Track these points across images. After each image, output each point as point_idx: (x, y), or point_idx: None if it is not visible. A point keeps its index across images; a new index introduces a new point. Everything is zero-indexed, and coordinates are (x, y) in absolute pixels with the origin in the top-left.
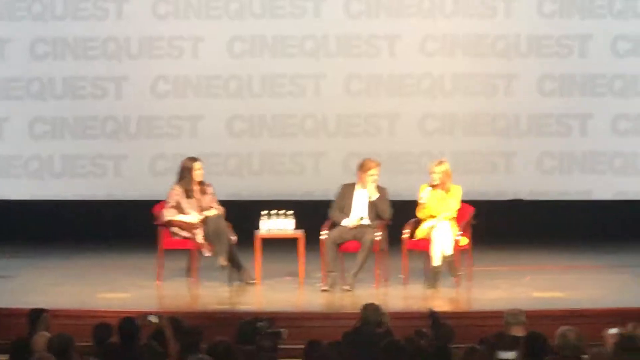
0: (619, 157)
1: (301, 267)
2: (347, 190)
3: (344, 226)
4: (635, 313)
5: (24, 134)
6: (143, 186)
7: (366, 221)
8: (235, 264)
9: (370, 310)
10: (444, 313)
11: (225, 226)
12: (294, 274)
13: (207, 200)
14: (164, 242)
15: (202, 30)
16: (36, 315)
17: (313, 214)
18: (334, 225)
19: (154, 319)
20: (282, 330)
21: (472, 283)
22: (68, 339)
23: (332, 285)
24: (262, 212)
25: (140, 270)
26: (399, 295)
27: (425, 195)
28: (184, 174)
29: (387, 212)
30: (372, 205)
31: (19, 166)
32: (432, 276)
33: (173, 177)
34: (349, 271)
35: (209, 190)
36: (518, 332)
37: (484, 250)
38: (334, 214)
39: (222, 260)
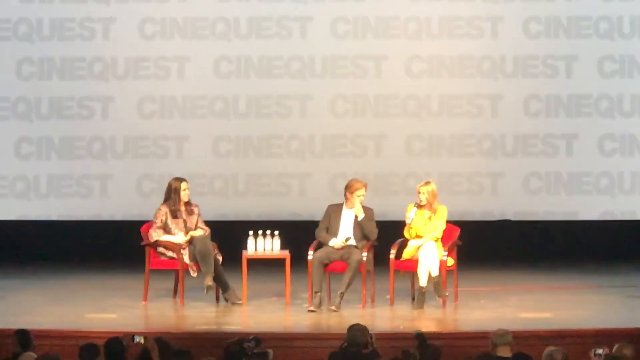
0: (605, 177)
1: (287, 288)
2: (334, 210)
3: (331, 247)
4: (621, 333)
5: (9, 154)
6: (129, 206)
7: (352, 241)
8: (221, 284)
9: (357, 331)
10: (431, 334)
11: (211, 246)
12: (280, 294)
13: (193, 220)
14: (151, 262)
15: (188, 50)
16: (22, 336)
17: (299, 235)
18: (321, 245)
19: (140, 340)
20: (268, 350)
21: (458, 303)
22: (54, 359)
23: (318, 306)
24: (249, 233)
25: (127, 291)
26: (385, 315)
27: (411, 216)
28: (171, 194)
29: (373, 232)
30: (359, 226)
31: (5, 186)
32: (418, 297)
33: (159, 197)
34: (335, 292)
35: (195, 210)
36: (505, 352)
37: (470, 270)
38: (320, 234)
39: (209, 281)
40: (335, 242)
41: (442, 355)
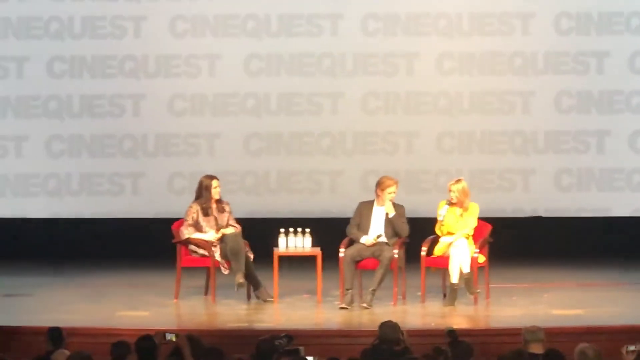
0: (636, 173)
1: (319, 285)
2: (365, 208)
3: (362, 244)
4: None
5: (42, 152)
6: (161, 204)
7: (384, 239)
8: (252, 282)
9: (388, 328)
10: (462, 330)
11: (242, 244)
12: (312, 292)
13: (224, 218)
14: (182, 260)
15: (219, 48)
16: (55, 334)
17: (331, 232)
18: (352, 242)
19: (172, 337)
20: (300, 347)
21: (489, 300)
22: (86, 357)
23: (350, 303)
24: (280, 230)
25: (158, 289)
26: (417, 312)
27: (443, 213)
28: (202, 192)
29: (404, 229)
30: (390, 223)
31: (37, 184)
32: (450, 294)
33: (191, 195)
34: (367, 289)
35: (227, 208)
36: (536, 349)
37: (502, 267)
38: (351, 231)
39: (240, 278)
40: (367, 239)
41: (474, 352)
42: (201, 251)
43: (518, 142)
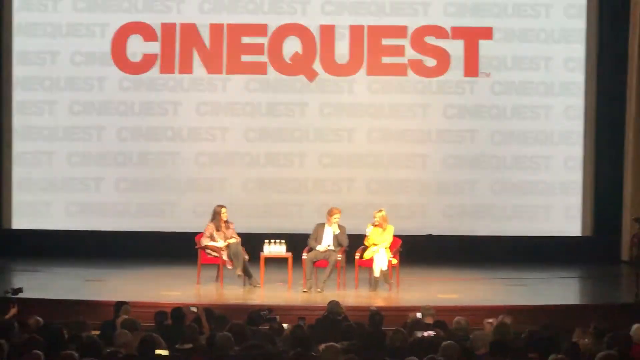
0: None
1: (289, 277)
2: (320, 227)
3: (317, 250)
4: (503, 309)
5: (112, 188)
6: (188, 223)
7: (332, 247)
8: (247, 274)
9: (334, 305)
10: (380, 307)
11: (241, 249)
12: (284, 281)
13: (230, 232)
14: (202, 259)
15: (228, 122)
16: (119, 305)
17: (298, 243)
18: (311, 249)
19: (194, 309)
20: (277, 316)
21: (399, 288)
22: (135, 322)
23: (309, 288)
24: (265, 241)
25: (186, 277)
26: (352, 295)
27: (369, 231)
28: (215, 216)
29: (345, 241)
30: (336, 237)
31: (108, 209)
32: (373, 283)
33: (208, 217)
34: (320, 280)
35: (231, 226)
36: (429, 320)
37: (407, 267)
38: (311, 242)
39: (239, 271)
40: (320, 247)
41: (386, 320)
42: (214, 254)
43: (418, 186)
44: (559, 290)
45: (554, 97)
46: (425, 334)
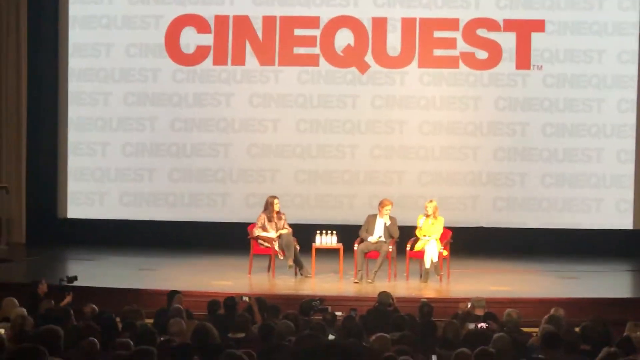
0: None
1: (340, 267)
2: (371, 218)
3: (369, 241)
4: (555, 302)
5: (165, 178)
6: (240, 213)
7: (383, 238)
8: (298, 264)
9: (384, 295)
10: (431, 299)
11: (292, 240)
12: (336, 272)
13: (281, 223)
14: (254, 249)
15: (280, 114)
16: (172, 294)
17: (349, 234)
18: (362, 241)
19: (246, 299)
20: (328, 306)
21: (450, 280)
22: (181, 310)
23: (360, 279)
24: (317, 232)
25: (238, 267)
26: (403, 286)
27: (421, 222)
28: (267, 206)
29: (396, 233)
30: (387, 229)
31: (161, 199)
32: (424, 275)
33: (260, 208)
34: (371, 271)
35: (283, 217)
36: (480, 312)
37: (458, 259)
38: (362, 233)
39: (290, 262)
40: (371, 239)
41: (434, 311)
42: (266, 244)
43: (469, 178)
44: (611, 283)
45: (606, 90)
46: (478, 325)
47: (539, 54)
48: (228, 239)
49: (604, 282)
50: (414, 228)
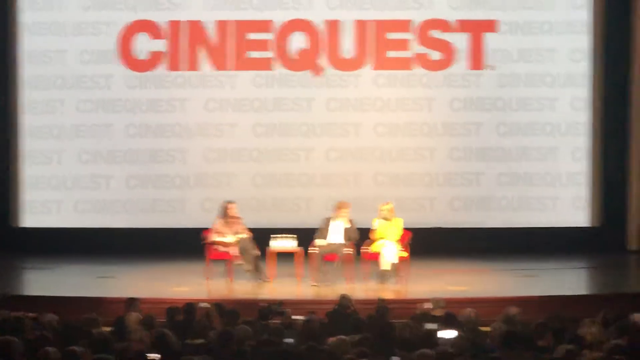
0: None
1: (299, 271)
2: (327, 221)
3: (329, 244)
4: (512, 300)
5: (123, 185)
6: (198, 219)
7: (341, 241)
8: (257, 269)
9: (343, 298)
10: (389, 300)
11: (250, 244)
12: (294, 275)
13: (239, 228)
14: (211, 254)
15: (235, 118)
16: (130, 302)
17: (307, 237)
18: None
19: (204, 305)
20: (287, 310)
21: (408, 281)
22: (152, 317)
23: (319, 282)
24: (273, 235)
25: (196, 273)
26: (361, 288)
27: (376, 225)
28: (223, 211)
29: (355, 235)
30: (346, 231)
31: (119, 206)
32: (381, 276)
33: (216, 213)
34: (329, 273)
35: (240, 221)
36: (439, 313)
37: (417, 260)
38: (317, 237)
39: (248, 267)
40: (321, 242)
41: (393, 313)
42: (223, 249)
43: (426, 179)
44: (568, 280)
45: (559, 89)
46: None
47: (492, 54)
48: (186, 244)
49: (561, 280)
50: (370, 230)
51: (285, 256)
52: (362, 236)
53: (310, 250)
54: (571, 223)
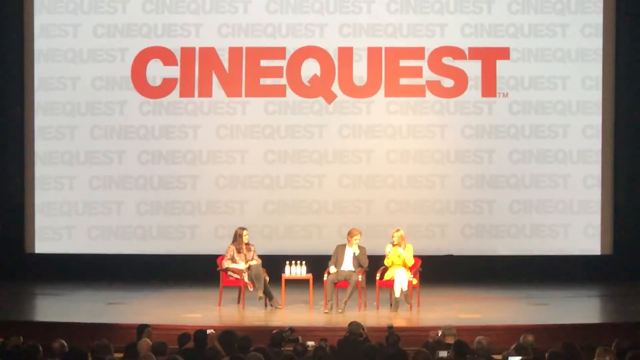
0: (513, 227)
1: (311, 298)
2: (340, 249)
3: (339, 271)
4: (524, 328)
5: (134, 210)
6: (209, 245)
7: (352, 268)
8: (268, 295)
9: (354, 325)
10: (401, 327)
11: (262, 271)
12: (306, 302)
13: (251, 254)
14: (223, 281)
15: (247, 145)
16: (142, 328)
17: (319, 264)
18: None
19: (211, 331)
20: (299, 337)
21: (420, 308)
22: (162, 344)
23: (330, 309)
24: (286, 262)
25: (208, 299)
26: (373, 315)
27: (388, 251)
28: (236, 238)
29: (365, 262)
30: (356, 258)
31: (130, 232)
32: (394, 304)
33: (229, 239)
34: (341, 300)
35: (252, 248)
36: (450, 340)
37: (428, 287)
38: (331, 264)
39: (260, 293)
40: (334, 270)
41: (405, 340)
42: (235, 275)
43: (437, 207)
44: (580, 309)
45: (571, 116)
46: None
47: (504, 82)
48: (197, 271)
49: (573, 308)
50: (383, 257)
51: (297, 283)
52: (373, 263)
53: (325, 277)
54: (583, 251)
